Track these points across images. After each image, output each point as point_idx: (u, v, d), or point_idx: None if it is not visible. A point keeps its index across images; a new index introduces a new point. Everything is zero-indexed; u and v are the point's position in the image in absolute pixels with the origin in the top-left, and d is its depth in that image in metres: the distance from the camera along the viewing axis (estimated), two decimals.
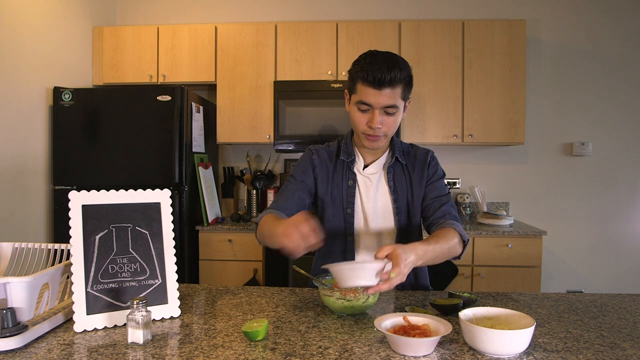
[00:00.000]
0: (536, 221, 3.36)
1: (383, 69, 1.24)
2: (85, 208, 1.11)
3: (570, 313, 1.21)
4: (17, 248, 1.31)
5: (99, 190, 1.14)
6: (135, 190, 1.18)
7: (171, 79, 3.20)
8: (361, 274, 1.05)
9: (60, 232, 2.81)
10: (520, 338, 0.90)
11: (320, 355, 0.92)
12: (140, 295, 1.13)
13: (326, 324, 1.11)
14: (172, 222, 1.20)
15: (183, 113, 2.81)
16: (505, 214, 3.15)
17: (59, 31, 2.92)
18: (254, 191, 3.31)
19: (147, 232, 1.16)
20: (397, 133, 2.68)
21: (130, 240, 1.14)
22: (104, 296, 1.09)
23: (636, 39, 3.34)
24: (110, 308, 1.09)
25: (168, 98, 2.77)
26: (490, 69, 3.08)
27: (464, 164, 3.46)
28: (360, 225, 1.44)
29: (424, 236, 1.33)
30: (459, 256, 1.32)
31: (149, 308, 1.06)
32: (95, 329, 1.06)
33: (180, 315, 1.17)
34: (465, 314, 1.00)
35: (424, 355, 0.92)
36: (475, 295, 1.29)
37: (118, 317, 1.09)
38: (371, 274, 1.05)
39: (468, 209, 3.34)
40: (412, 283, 1.50)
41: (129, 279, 1.12)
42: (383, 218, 1.43)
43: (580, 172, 3.40)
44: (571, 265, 3.41)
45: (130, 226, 1.15)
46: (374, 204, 1.43)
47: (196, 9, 3.54)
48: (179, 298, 1.17)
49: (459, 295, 1.24)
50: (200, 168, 2.99)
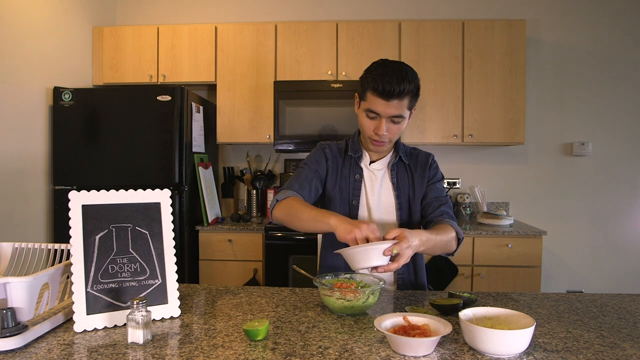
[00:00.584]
0: (536, 221, 3.36)
1: (393, 81, 1.31)
2: (85, 208, 1.11)
3: (570, 313, 1.21)
4: (17, 248, 1.31)
5: (99, 190, 1.14)
6: (135, 190, 1.18)
7: (171, 79, 3.20)
8: (373, 255, 1.13)
9: (60, 232, 2.81)
10: (520, 338, 0.91)
11: (320, 355, 0.92)
12: (140, 295, 1.13)
13: (326, 324, 1.11)
14: (172, 222, 1.20)
15: (183, 113, 2.81)
16: (505, 214, 3.15)
17: (59, 31, 2.91)
18: (254, 191, 3.31)
19: (147, 232, 1.16)
20: None
21: (130, 240, 1.14)
22: (104, 296, 1.09)
23: (636, 38, 3.34)
24: (110, 308, 1.09)
25: (168, 98, 2.77)
26: (490, 69, 3.08)
27: (464, 164, 3.46)
28: (364, 217, 1.51)
29: None
30: (453, 252, 1.40)
31: (149, 308, 1.06)
32: (95, 329, 1.06)
33: (180, 315, 1.17)
34: (465, 314, 1.00)
35: (424, 355, 0.92)
36: (475, 295, 1.29)
37: (118, 317, 1.09)
38: (382, 255, 1.14)
39: (468, 209, 3.34)
40: (412, 282, 1.53)
41: (129, 279, 1.12)
42: (386, 212, 1.50)
43: (580, 172, 3.40)
44: (571, 265, 3.41)
45: (130, 226, 1.15)
46: (378, 198, 1.50)
47: (196, 9, 3.54)
48: (179, 298, 1.17)
49: (459, 295, 1.24)
50: (200, 168, 2.99)
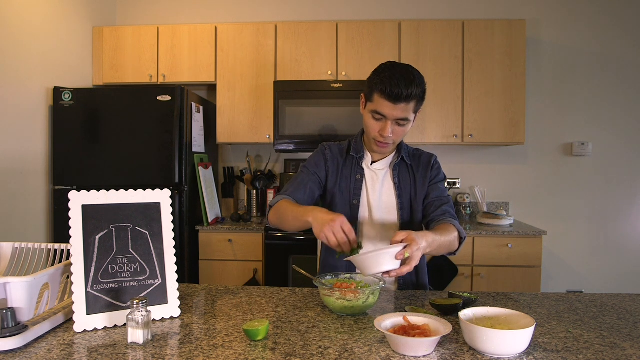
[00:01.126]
0: (536, 221, 3.36)
1: (401, 84, 1.30)
2: (85, 208, 1.11)
3: (570, 313, 1.21)
4: (17, 248, 1.31)
5: (99, 190, 1.14)
6: (135, 190, 1.18)
7: (171, 79, 3.20)
8: (384, 260, 1.11)
9: (60, 232, 2.81)
10: (520, 338, 0.91)
11: (320, 355, 0.92)
12: (140, 295, 1.13)
13: (326, 324, 1.11)
14: (172, 222, 1.20)
15: (183, 113, 2.81)
16: (505, 214, 3.15)
17: (59, 31, 2.91)
18: (254, 191, 3.31)
19: (147, 232, 1.16)
20: None
21: (130, 240, 1.14)
22: (104, 296, 1.09)
23: (636, 38, 3.33)
24: (110, 308, 1.09)
25: (168, 98, 2.77)
26: (490, 69, 3.08)
27: (464, 164, 3.46)
28: (364, 216, 1.51)
29: None
30: (455, 252, 1.40)
31: (149, 308, 1.06)
32: (95, 329, 1.06)
33: (180, 315, 1.17)
34: (465, 314, 1.00)
35: (424, 355, 0.92)
36: (475, 295, 1.29)
37: (118, 317, 1.09)
38: (394, 259, 1.12)
39: (468, 209, 3.34)
40: (413, 282, 1.53)
41: (129, 279, 1.12)
42: (387, 212, 1.50)
43: (580, 172, 3.40)
44: (571, 265, 3.41)
45: (130, 226, 1.15)
46: (379, 198, 1.50)
47: (196, 9, 3.54)
48: (179, 298, 1.17)
49: (459, 295, 1.24)
50: (200, 168, 2.99)
